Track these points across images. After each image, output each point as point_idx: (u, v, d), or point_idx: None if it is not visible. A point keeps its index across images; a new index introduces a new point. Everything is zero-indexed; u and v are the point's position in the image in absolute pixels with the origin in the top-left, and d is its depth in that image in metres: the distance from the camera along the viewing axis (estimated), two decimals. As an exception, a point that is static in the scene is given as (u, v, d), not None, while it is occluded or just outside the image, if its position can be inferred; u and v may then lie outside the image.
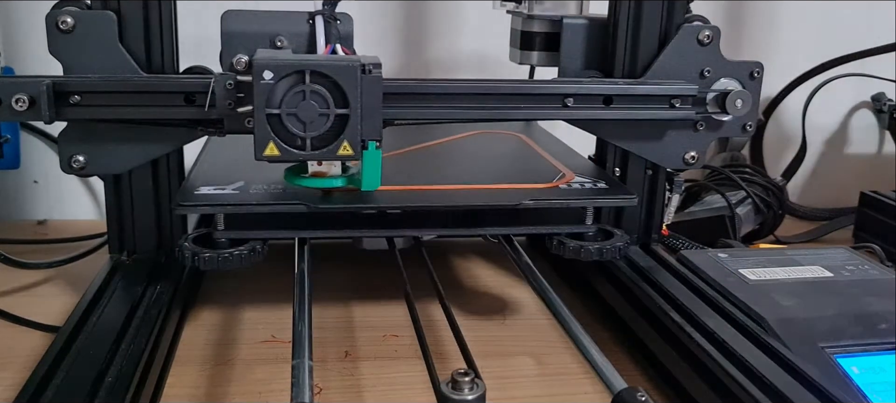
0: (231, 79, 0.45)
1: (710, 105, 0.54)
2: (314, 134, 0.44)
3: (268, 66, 0.42)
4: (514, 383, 0.49)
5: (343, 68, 0.43)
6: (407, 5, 0.81)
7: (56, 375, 0.39)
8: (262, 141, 0.43)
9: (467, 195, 0.51)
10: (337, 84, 0.43)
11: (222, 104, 0.46)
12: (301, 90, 0.43)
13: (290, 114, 0.43)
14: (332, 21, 0.48)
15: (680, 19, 0.55)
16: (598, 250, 0.50)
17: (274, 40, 0.48)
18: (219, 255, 0.47)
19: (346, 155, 0.45)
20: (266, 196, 0.48)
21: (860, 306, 0.49)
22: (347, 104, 0.43)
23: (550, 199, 0.51)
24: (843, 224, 0.82)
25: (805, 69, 0.87)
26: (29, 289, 0.60)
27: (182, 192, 0.49)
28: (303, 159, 0.46)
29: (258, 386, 0.48)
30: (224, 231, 0.48)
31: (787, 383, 0.40)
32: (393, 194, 0.50)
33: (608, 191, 0.53)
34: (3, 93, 0.45)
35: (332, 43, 0.48)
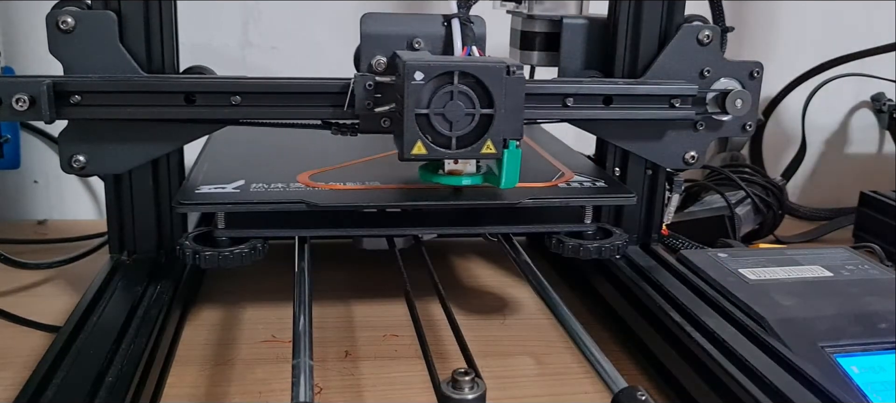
0: (371, 80, 0.47)
1: (710, 105, 0.54)
2: (459, 133, 0.45)
3: (419, 67, 0.43)
4: (514, 383, 0.49)
5: (490, 69, 0.44)
6: (407, 5, 0.81)
7: (56, 375, 0.39)
8: (411, 140, 0.44)
9: (467, 194, 0.50)
10: (483, 84, 0.44)
11: (361, 104, 0.47)
12: (449, 91, 0.44)
13: (437, 114, 0.44)
14: (467, 23, 0.49)
15: (680, 19, 0.55)
16: (597, 248, 0.50)
17: (411, 42, 0.49)
18: (219, 254, 0.47)
19: (488, 154, 0.45)
20: (266, 194, 0.49)
21: (860, 306, 0.49)
22: (492, 104, 0.44)
23: (549, 198, 0.51)
24: (842, 224, 0.82)
25: (805, 69, 0.87)
26: (29, 289, 0.60)
27: (182, 191, 0.49)
28: (448, 158, 0.46)
29: (258, 386, 0.48)
30: (225, 229, 0.49)
31: (787, 383, 0.40)
32: (392, 193, 0.51)
33: (607, 189, 0.53)
34: (3, 93, 0.45)
35: (468, 45, 0.49)
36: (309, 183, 0.51)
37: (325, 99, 0.49)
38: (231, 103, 0.48)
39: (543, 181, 0.53)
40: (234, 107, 0.48)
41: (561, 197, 0.51)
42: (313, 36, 0.80)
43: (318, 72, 0.50)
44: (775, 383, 0.40)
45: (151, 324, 0.46)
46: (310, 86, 0.49)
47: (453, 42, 0.49)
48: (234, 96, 0.48)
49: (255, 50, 0.79)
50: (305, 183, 0.51)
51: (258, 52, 0.79)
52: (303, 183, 0.51)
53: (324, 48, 0.80)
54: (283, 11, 0.78)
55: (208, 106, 0.48)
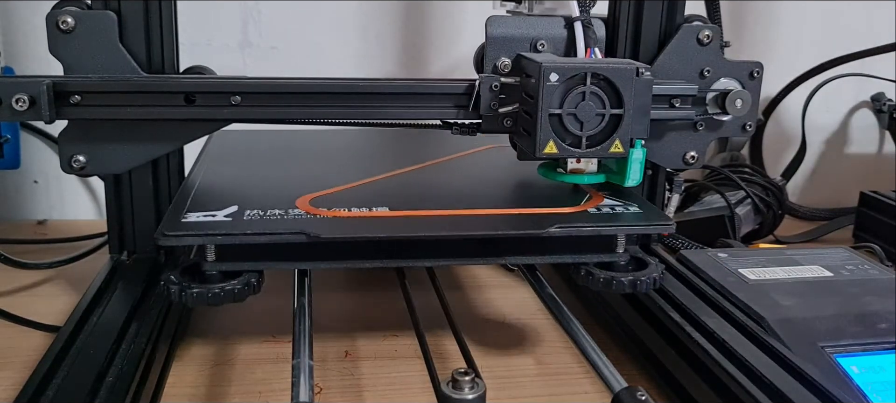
0: (496, 81, 0.48)
1: (710, 105, 0.54)
2: (590, 132, 0.45)
3: (554, 68, 0.44)
4: (514, 383, 0.49)
5: (621, 70, 0.45)
6: (407, 5, 0.81)
7: (56, 375, 0.39)
8: (544, 139, 0.45)
9: (487, 222, 0.46)
10: (614, 85, 0.45)
11: (487, 105, 0.48)
12: (581, 91, 0.45)
13: (569, 114, 0.45)
14: (589, 26, 0.50)
15: (680, 19, 0.55)
16: (632, 282, 0.46)
17: (535, 44, 0.50)
18: (208, 291, 0.42)
19: (617, 153, 0.46)
20: (262, 224, 0.43)
21: (860, 306, 0.49)
22: (622, 104, 0.45)
23: (580, 226, 0.45)
24: (842, 224, 0.82)
25: (805, 69, 0.87)
26: (29, 289, 0.60)
27: (168, 220, 0.44)
28: (579, 156, 0.47)
29: (258, 386, 0.48)
30: (215, 262, 0.44)
31: (787, 383, 0.40)
32: (402, 221, 0.45)
33: (642, 216, 0.47)
34: (3, 93, 0.45)
35: (591, 46, 0.50)
36: (309, 209, 0.46)
37: (449, 100, 0.49)
38: (231, 103, 0.48)
39: (570, 205, 0.48)
40: (234, 108, 0.48)
41: (592, 224, 0.46)
42: (313, 36, 0.80)
43: (318, 73, 0.50)
44: (775, 383, 0.40)
45: (151, 324, 0.46)
46: (435, 87, 0.49)
47: (576, 44, 0.50)
48: (235, 96, 0.48)
49: (254, 50, 0.79)
50: (306, 209, 0.46)
51: (258, 52, 0.79)
52: (303, 209, 0.46)
53: (324, 48, 0.80)
54: (283, 11, 0.78)
55: (208, 106, 0.48)
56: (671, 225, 0.47)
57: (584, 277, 0.46)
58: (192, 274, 0.44)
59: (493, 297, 0.62)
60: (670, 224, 0.47)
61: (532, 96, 0.45)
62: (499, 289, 0.63)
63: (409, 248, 0.46)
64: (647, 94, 0.46)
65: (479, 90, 0.48)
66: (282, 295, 0.57)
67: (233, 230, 0.43)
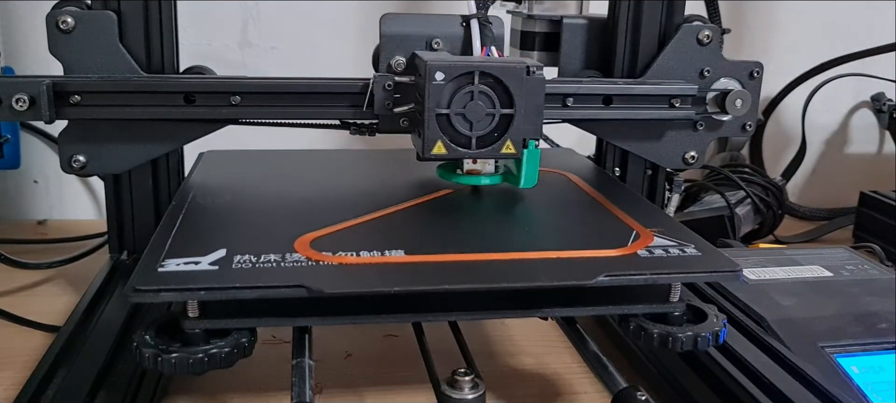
0: (390, 80, 0.47)
1: (710, 105, 0.54)
2: (480, 133, 0.45)
3: (440, 67, 0.43)
4: (514, 383, 0.49)
5: (510, 69, 0.44)
6: (407, 6, 0.81)
7: (56, 375, 0.39)
8: (431, 140, 0.44)
9: (521, 269, 0.39)
10: (503, 85, 0.44)
11: (381, 105, 0.47)
12: (470, 91, 0.44)
13: (458, 114, 0.44)
14: (486, 24, 0.50)
15: (680, 19, 0.55)
16: (692, 339, 0.39)
17: (430, 42, 0.49)
18: (189, 356, 0.35)
19: (509, 153, 0.45)
20: (255, 274, 0.36)
21: (860, 306, 0.49)
22: (513, 104, 0.44)
23: (631, 274, 0.38)
24: (842, 224, 0.82)
25: (805, 69, 0.87)
26: (29, 289, 0.60)
27: (142, 269, 0.36)
28: (468, 157, 0.46)
29: (258, 386, 0.48)
30: (198, 320, 0.36)
31: (787, 383, 0.40)
32: (422, 269, 0.38)
33: (702, 260, 0.40)
34: (3, 93, 0.45)
35: (487, 45, 0.49)
36: (310, 253, 0.39)
37: (344, 99, 0.49)
38: (231, 103, 0.48)
39: (616, 246, 0.41)
40: (234, 107, 0.48)
41: (645, 271, 0.38)
42: (312, 36, 0.80)
43: (318, 73, 0.50)
44: (775, 383, 0.40)
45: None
46: (330, 86, 0.49)
47: (472, 43, 0.49)
48: (234, 96, 0.48)
49: (254, 50, 0.79)
50: (306, 253, 0.39)
51: (257, 52, 0.79)
52: (302, 252, 0.39)
53: (323, 48, 0.80)
54: (283, 11, 0.78)
55: (208, 106, 0.48)
56: (737, 272, 0.39)
57: (634, 332, 0.40)
58: (172, 332, 0.37)
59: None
60: (737, 270, 0.39)
61: (422, 95, 0.44)
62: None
63: (429, 301, 0.39)
64: (539, 94, 0.45)
65: (373, 89, 0.47)
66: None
67: (219, 282, 0.35)
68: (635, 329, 0.40)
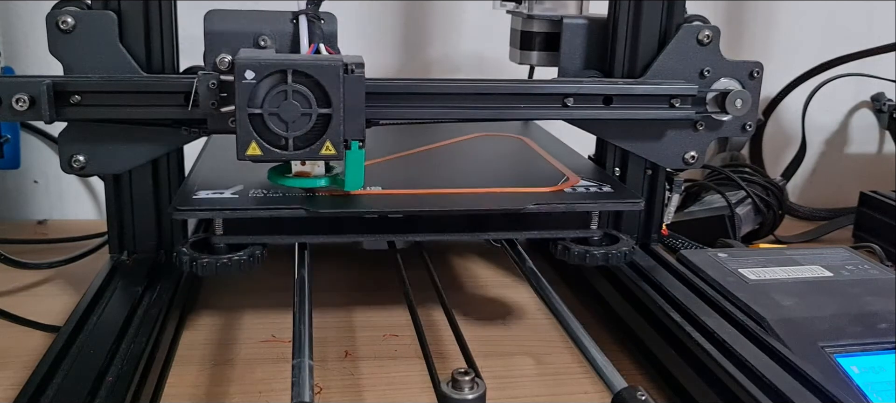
0: (214, 78, 0.45)
1: (710, 105, 0.54)
2: (297, 133, 0.44)
3: (249, 65, 0.42)
4: (514, 383, 0.49)
5: (325, 68, 0.43)
6: (407, 5, 0.81)
7: (56, 375, 0.39)
8: (245, 141, 0.43)
9: (470, 199, 0.49)
10: (319, 84, 0.43)
11: (205, 104, 0.45)
12: (283, 90, 0.43)
13: (272, 114, 0.43)
14: (315, 20, 0.48)
15: (680, 19, 0.55)
16: (604, 255, 0.49)
17: (257, 40, 0.48)
18: (217, 261, 0.45)
19: (328, 155, 0.44)
20: (265, 200, 0.47)
21: (860, 306, 0.49)
22: (330, 104, 0.43)
23: (555, 204, 0.49)
24: (842, 224, 0.82)
25: (805, 69, 0.87)
26: (29, 289, 0.60)
27: (180, 196, 0.48)
28: (285, 159, 0.46)
29: (258, 386, 0.48)
30: (223, 236, 0.47)
31: (787, 383, 0.40)
32: (394, 198, 0.49)
33: (613, 195, 0.51)
34: (3, 93, 0.45)
35: (315, 42, 0.48)
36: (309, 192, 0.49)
37: (173, 98, 0.47)
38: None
39: (548, 185, 0.52)
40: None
41: (567, 202, 0.50)
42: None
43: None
44: (775, 383, 0.40)
45: (151, 324, 0.46)
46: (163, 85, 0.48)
47: (300, 40, 0.48)
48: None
49: (254, 50, 0.79)
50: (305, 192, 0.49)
51: (258, 52, 0.79)
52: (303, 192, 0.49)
53: (324, 48, 0.80)
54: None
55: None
56: (640, 203, 0.51)
57: (561, 252, 0.50)
58: (202, 248, 0.47)
59: (493, 298, 0.62)
60: (639, 201, 0.51)
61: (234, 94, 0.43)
62: (499, 290, 0.63)
63: (401, 224, 0.50)
64: (359, 93, 0.44)
65: (197, 88, 0.45)
66: (282, 295, 0.57)
67: (239, 205, 0.46)
68: (561, 249, 0.50)
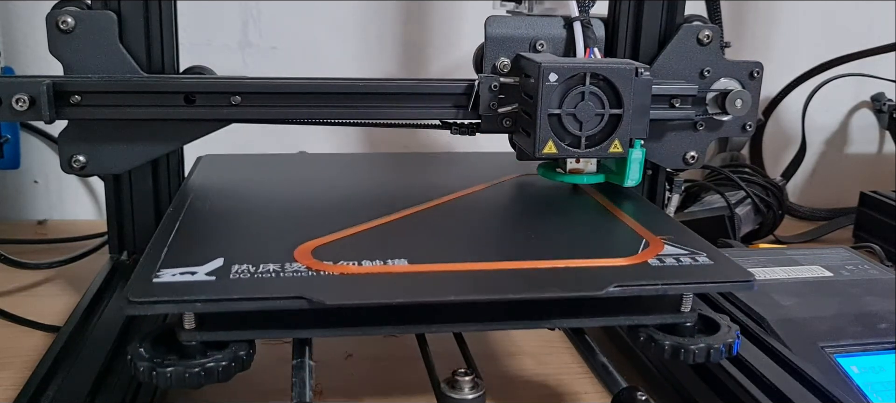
0: (496, 81, 0.48)
1: (710, 105, 0.54)
2: (589, 132, 0.45)
3: (553, 68, 0.44)
4: (514, 383, 0.49)
5: (620, 71, 0.44)
6: (407, 5, 0.81)
7: (56, 375, 0.39)
8: (543, 139, 0.45)
9: (529, 279, 0.38)
10: (613, 85, 0.45)
11: (486, 105, 0.48)
12: (581, 91, 0.44)
13: (568, 114, 0.45)
14: (588, 26, 0.50)
15: (680, 19, 0.55)
16: (704, 351, 0.38)
17: (534, 44, 0.50)
18: (186, 370, 0.34)
19: (616, 153, 0.46)
20: (253, 284, 0.35)
21: (860, 306, 0.49)
22: (621, 104, 0.45)
23: (642, 284, 0.37)
24: (842, 224, 0.82)
25: (805, 69, 0.87)
26: (29, 289, 0.60)
27: (137, 279, 0.35)
28: (578, 156, 0.47)
29: (258, 386, 0.48)
30: (195, 331, 0.35)
31: (787, 383, 0.40)
32: (426, 279, 0.37)
33: (715, 269, 0.39)
34: (3, 93, 0.45)
35: (590, 46, 0.50)
36: (311, 263, 0.38)
37: (449, 100, 0.50)
38: (231, 103, 0.48)
39: (625, 255, 0.40)
40: (234, 107, 0.48)
41: (659, 283, 0.37)
42: (313, 36, 0.80)
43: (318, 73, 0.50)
44: (775, 383, 0.40)
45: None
46: (434, 87, 0.50)
47: (575, 44, 0.51)
48: (235, 96, 0.48)
49: (254, 50, 0.79)
50: (306, 262, 0.38)
51: (257, 52, 0.79)
52: (302, 262, 0.38)
53: (323, 48, 0.80)
54: (283, 11, 0.78)
55: (208, 106, 0.48)
56: (751, 282, 0.38)
57: (644, 344, 0.39)
58: (169, 343, 0.36)
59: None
60: (750, 279, 0.38)
61: (531, 96, 0.45)
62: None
63: (434, 313, 0.38)
64: (646, 94, 0.46)
65: (479, 90, 0.48)
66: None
67: (217, 294, 0.34)
68: (646, 340, 0.38)
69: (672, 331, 0.39)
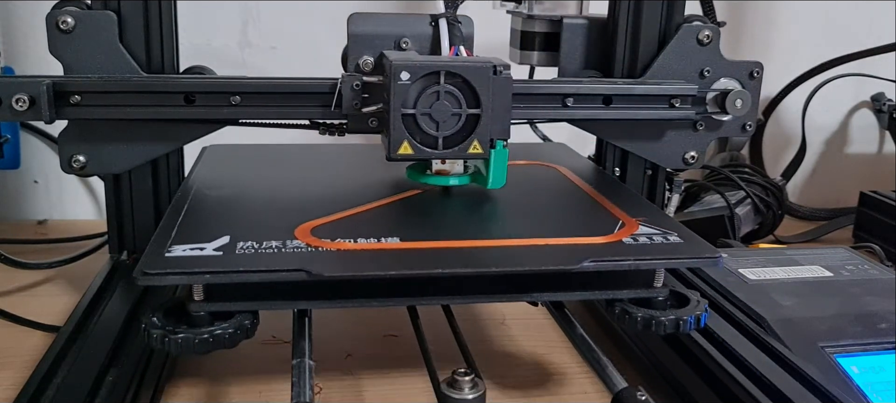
0: (358, 80, 0.46)
1: (710, 105, 0.54)
2: (446, 133, 0.44)
3: (405, 67, 0.43)
4: (514, 383, 0.49)
5: (477, 69, 0.44)
6: (406, 5, 0.81)
7: (56, 375, 0.39)
8: (397, 140, 0.44)
9: (511, 255, 0.40)
10: (469, 84, 0.44)
11: (349, 105, 0.47)
12: (435, 91, 0.44)
13: (424, 114, 0.44)
14: (455, 23, 0.49)
15: (680, 19, 0.55)
16: (674, 322, 0.40)
17: (399, 42, 0.49)
18: (195, 336, 0.37)
19: (476, 154, 0.45)
20: (257, 259, 0.38)
21: (860, 306, 0.49)
22: (479, 104, 0.44)
23: (616, 259, 0.40)
24: (842, 224, 0.82)
25: (805, 69, 0.87)
26: (29, 289, 0.60)
27: (149, 253, 0.38)
28: (435, 158, 0.46)
29: (258, 386, 0.48)
30: (203, 303, 0.38)
31: (787, 383, 0.40)
32: (417, 255, 0.40)
33: (685, 247, 0.41)
34: (3, 93, 0.45)
35: (455, 45, 0.49)
36: (310, 240, 0.40)
37: (313, 99, 0.48)
38: (231, 103, 0.48)
39: (602, 233, 0.42)
40: (234, 108, 0.48)
41: (631, 258, 0.40)
42: (312, 36, 0.80)
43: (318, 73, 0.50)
44: (775, 383, 0.40)
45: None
46: (298, 86, 0.48)
47: (441, 42, 0.49)
48: (234, 96, 0.48)
49: (254, 50, 0.79)
50: (306, 240, 0.40)
51: (257, 52, 0.79)
52: (303, 240, 0.40)
53: (323, 48, 0.80)
54: (283, 11, 0.78)
55: (208, 106, 0.48)
56: (717, 258, 0.41)
57: (620, 316, 0.41)
58: (178, 315, 0.38)
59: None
60: (716, 256, 0.41)
61: (388, 95, 0.44)
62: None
63: (424, 286, 0.41)
64: (506, 94, 0.44)
65: (341, 89, 0.47)
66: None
67: (224, 267, 0.37)
68: (620, 312, 0.41)
69: (646, 305, 0.41)
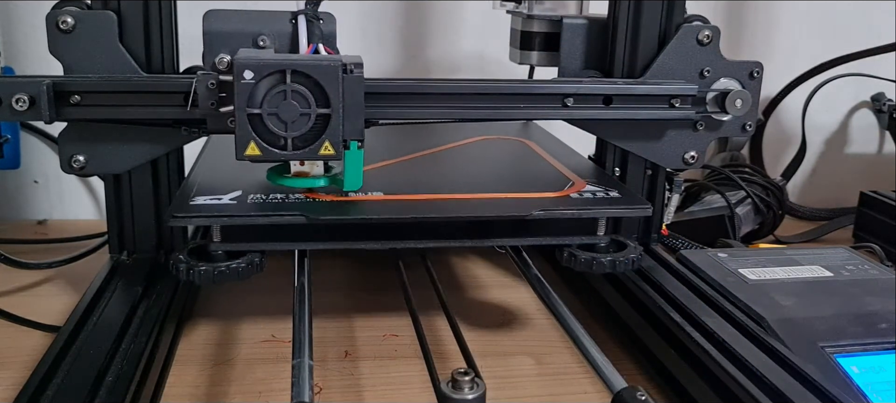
0: (213, 78, 0.44)
1: (710, 105, 0.54)
2: (296, 133, 0.44)
3: (248, 65, 0.42)
4: (514, 383, 0.49)
5: (324, 68, 0.43)
6: (407, 5, 0.81)
7: (56, 375, 0.39)
8: (244, 140, 0.43)
9: (474, 205, 0.48)
10: (318, 84, 0.43)
11: (205, 104, 0.45)
12: (282, 90, 0.43)
13: (271, 114, 0.43)
14: (314, 20, 0.48)
15: (680, 19, 0.55)
16: (611, 263, 0.48)
17: (256, 40, 0.48)
18: (214, 269, 0.44)
19: (327, 155, 0.45)
20: (264, 206, 0.46)
21: (860, 306, 0.49)
22: (329, 104, 0.43)
23: (561, 209, 0.48)
24: (842, 224, 0.82)
25: (805, 69, 0.87)
26: (29, 289, 0.60)
27: (177, 202, 0.46)
28: (284, 159, 0.46)
29: (258, 386, 0.48)
30: (221, 243, 0.46)
31: (787, 383, 0.40)
32: (396, 204, 0.48)
33: (621, 200, 0.50)
34: (3, 93, 0.45)
35: (314, 42, 0.48)
36: (309, 193, 0.48)
37: (173, 98, 0.47)
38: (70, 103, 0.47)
39: (553, 190, 0.51)
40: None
41: (573, 208, 0.48)
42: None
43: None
44: (775, 383, 0.40)
45: (151, 324, 0.46)
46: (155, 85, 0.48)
47: (299, 40, 0.48)
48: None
49: (254, 50, 0.79)
50: (305, 193, 0.48)
51: (258, 52, 0.79)
52: (302, 193, 0.48)
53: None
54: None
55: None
56: (648, 209, 0.49)
57: (567, 259, 0.49)
58: (199, 255, 0.46)
59: (493, 297, 0.62)
60: (647, 207, 0.49)
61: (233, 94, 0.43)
62: (499, 290, 0.63)
63: (402, 230, 0.48)
64: (358, 93, 0.44)
65: (196, 88, 0.45)
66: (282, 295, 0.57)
67: (238, 212, 0.45)
68: (568, 256, 0.49)
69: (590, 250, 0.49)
